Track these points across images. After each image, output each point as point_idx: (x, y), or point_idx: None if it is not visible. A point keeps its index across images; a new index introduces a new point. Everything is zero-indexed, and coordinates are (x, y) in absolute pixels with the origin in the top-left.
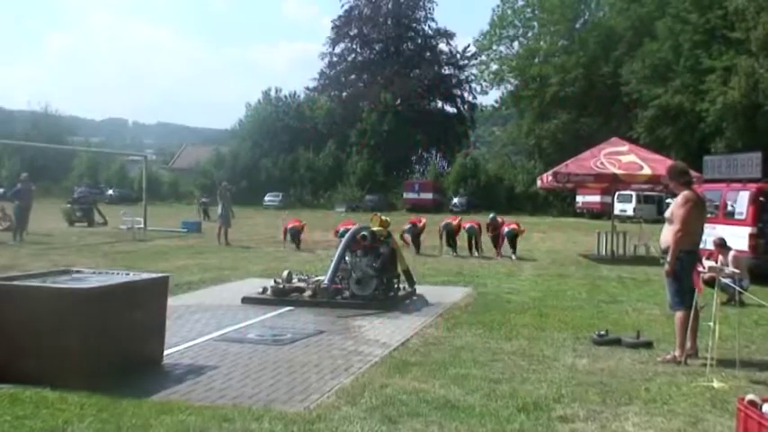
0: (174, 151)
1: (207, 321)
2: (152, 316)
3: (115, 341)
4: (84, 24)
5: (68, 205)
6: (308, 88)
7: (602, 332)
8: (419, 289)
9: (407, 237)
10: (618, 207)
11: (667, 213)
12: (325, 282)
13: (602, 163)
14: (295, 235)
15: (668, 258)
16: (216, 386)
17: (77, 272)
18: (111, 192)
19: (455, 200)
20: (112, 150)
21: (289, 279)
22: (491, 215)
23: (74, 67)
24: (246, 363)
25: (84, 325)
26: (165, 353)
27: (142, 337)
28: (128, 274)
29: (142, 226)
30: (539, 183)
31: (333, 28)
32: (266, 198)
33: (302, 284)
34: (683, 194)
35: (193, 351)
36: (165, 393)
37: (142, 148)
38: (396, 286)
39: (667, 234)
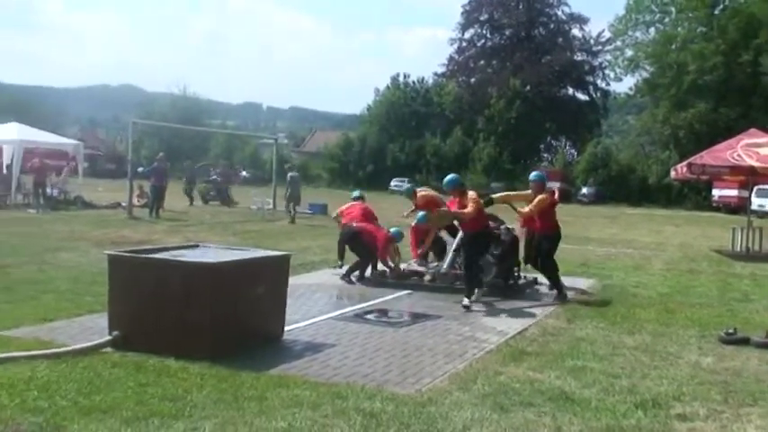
0: (304, 135)
1: (327, 300)
2: (274, 292)
3: (238, 315)
4: (222, 10)
5: (204, 185)
6: (436, 74)
7: (731, 330)
8: (539, 279)
9: None
10: (756, 202)
11: None
12: (445, 267)
13: (739, 155)
14: None
15: None
16: (332, 364)
17: (207, 247)
18: (244, 173)
19: (584, 189)
20: (246, 133)
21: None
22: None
23: (213, 52)
24: (363, 343)
25: (209, 298)
26: (286, 329)
27: (264, 313)
28: (253, 251)
29: (271, 207)
30: (672, 174)
31: (463, 13)
32: (392, 183)
33: (422, 269)
34: None
35: (312, 329)
36: (282, 368)
37: (275, 132)
38: (516, 274)
39: None
